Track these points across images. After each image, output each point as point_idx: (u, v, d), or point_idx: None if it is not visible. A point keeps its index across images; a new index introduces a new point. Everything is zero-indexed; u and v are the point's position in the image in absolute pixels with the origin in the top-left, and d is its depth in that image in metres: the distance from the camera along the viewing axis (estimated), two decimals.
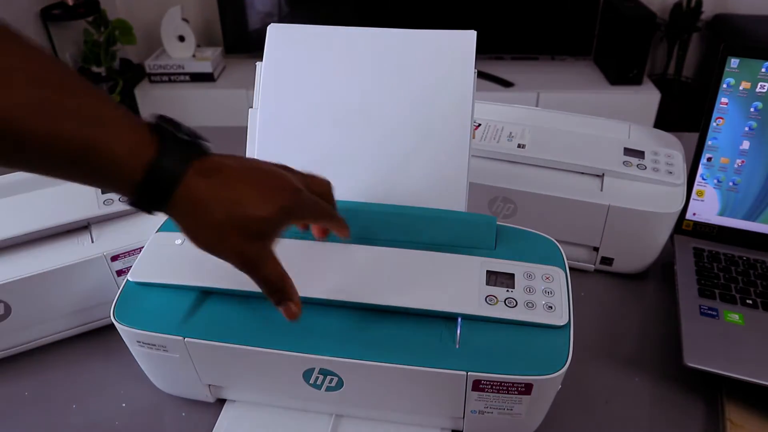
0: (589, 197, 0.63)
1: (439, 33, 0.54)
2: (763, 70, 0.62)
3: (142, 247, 0.52)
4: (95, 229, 0.59)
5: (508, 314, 0.45)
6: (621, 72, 2.01)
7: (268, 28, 0.56)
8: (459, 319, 0.45)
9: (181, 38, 2.09)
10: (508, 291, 0.46)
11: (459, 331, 0.44)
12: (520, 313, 0.45)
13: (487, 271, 0.48)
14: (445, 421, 0.49)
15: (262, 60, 0.56)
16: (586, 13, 2.09)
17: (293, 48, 0.55)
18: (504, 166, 0.68)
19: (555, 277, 0.48)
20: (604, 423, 0.53)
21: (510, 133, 0.69)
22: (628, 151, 0.67)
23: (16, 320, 0.55)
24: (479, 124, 0.71)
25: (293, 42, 0.55)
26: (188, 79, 2.11)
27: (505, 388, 0.43)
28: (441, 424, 0.50)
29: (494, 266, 0.48)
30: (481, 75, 1.98)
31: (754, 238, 0.66)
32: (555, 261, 0.50)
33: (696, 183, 0.67)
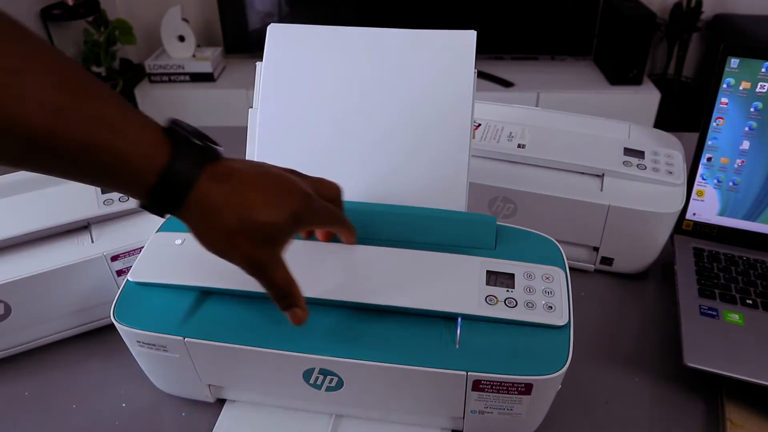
0: (589, 197, 0.63)
1: (439, 33, 0.54)
2: (763, 70, 0.62)
3: (142, 247, 0.52)
4: (95, 229, 0.59)
5: (508, 314, 0.45)
6: (621, 72, 2.01)
7: (268, 28, 0.56)
8: (459, 319, 0.45)
9: (181, 38, 2.09)
10: (508, 291, 0.46)
11: (459, 331, 0.44)
12: (520, 313, 0.45)
13: (487, 271, 0.48)
14: (445, 421, 0.49)
15: (262, 60, 0.56)
16: (586, 13, 2.09)
17: (293, 48, 0.55)
18: (504, 166, 0.68)
19: (555, 277, 0.48)
20: (604, 423, 0.53)
21: (510, 133, 0.69)
22: (628, 151, 0.67)
23: (16, 320, 0.55)
24: (479, 124, 0.71)
25: (293, 42, 0.55)
26: (188, 79, 2.11)
27: (505, 388, 0.43)
28: (441, 424, 0.50)
29: (494, 266, 0.48)
30: (481, 75, 1.98)
31: (754, 238, 0.66)
32: (555, 261, 0.50)
33: (696, 183, 0.67)
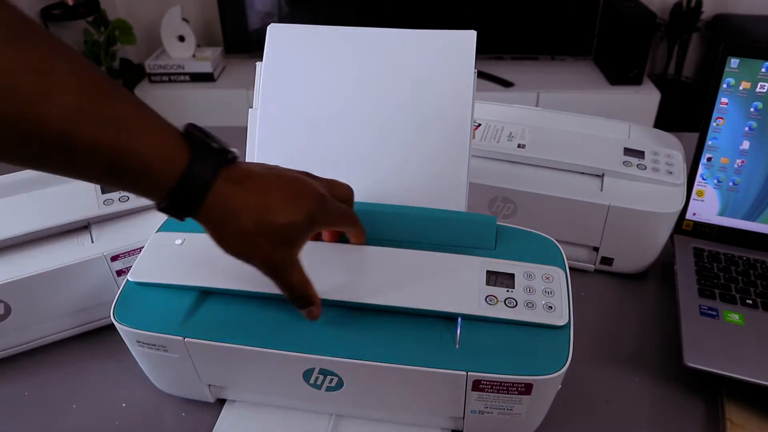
0: (589, 197, 0.63)
1: (439, 33, 0.54)
2: (763, 70, 0.62)
3: (142, 247, 0.52)
4: (95, 229, 0.59)
5: (508, 314, 0.45)
6: (621, 72, 2.01)
7: (268, 28, 0.56)
8: (459, 319, 0.45)
9: (181, 38, 2.09)
10: (508, 291, 0.46)
11: (459, 331, 0.44)
12: (520, 313, 0.45)
13: (487, 271, 0.48)
14: (445, 421, 0.49)
15: (262, 60, 0.56)
16: (586, 13, 2.09)
17: (293, 48, 0.55)
18: (504, 166, 0.68)
19: (555, 277, 0.48)
20: (604, 423, 0.53)
21: (510, 133, 0.69)
22: (628, 151, 0.67)
23: (16, 320, 0.55)
24: (479, 124, 0.71)
25: (293, 42, 0.55)
26: (188, 79, 2.11)
27: (505, 388, 0.43)
28: (441, 424, 0.50)
29: (494, 266, 0.48)
30: (481, 75, 1.98)
31: (754, 238, 0.66)
32: (555, 261, 0.50)
33: (696, 183, 0.67)
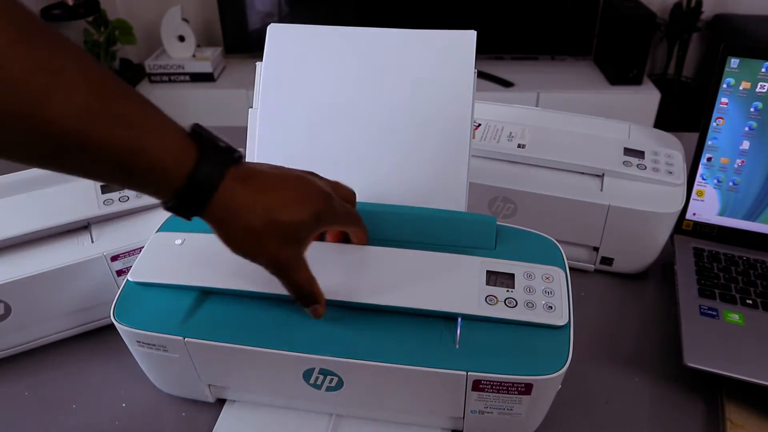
0: (589, 197, 0.63)
1: (439, 33, 0.54)
2: (763, 70, 0.62)
3: (142, 247, 0.52)
4: (95, 229, 0.59)
5: (508, 314, 0.45)
6: (621, 72, 2.01)
7: (268, 28, 0.56)
8: (459, 319, 0.45)
9: (181, 38, 2.09)
10: (508, 291, 0.46)
11: (459, 331, 0.44)
12: (520, 313, 0.45)
13: (487, 271, 0.48)
14: (445, 421, 0.49)
15: (262, 60, 0.56)
16: (586, 13, 2.09)
17: (293, 48, 0.55)
18: (504, 166, 0.68)
19: (555, 277, 0.48)
20: (604, 423, 0.53)
21: (510, 133, 0.69)
22: (628, 151, 0.67)
23: (16, 320, 0.55)
24: (479, 124, 0.71)
25: (293, 42, 0.55)
26: (188, 79, 2.11)
27: (505, 388, 0.43)
28: (441, 424, 0.50)
29: (494, 266, 0.48)
30: (481, 75, 1.98)
31: (754, 238, 0.66)
32: (555, 261, 0.50)
33: (696, 183, 0.67)
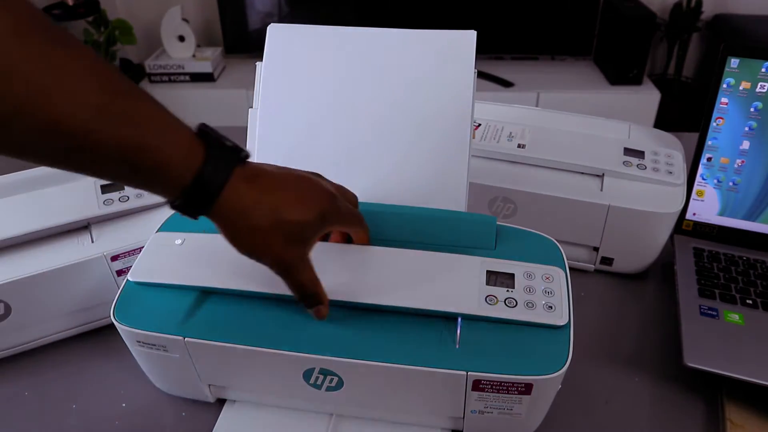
0: (589, 197, 0.63)
1: (439, 33, 0.54)
2: (763, 70, 0.62)
3: (142, 247, 0.52)
4: (95, 229, 0.59)
5: (508, 314, 0.45)
6: (621, 72, 2.01)
7: (268, 28, 0.56)
8: (459, 319, 0.45)
9: (181, 38, 2.09)
10: (508, 291, 0.46)
11: (459, 331, 0.44)
12: (520, 313, 0.45)
13: (487, 271, 0.48)
14: (445, 421, 0.49)
15: (262, 60, 0.56)
16: (586, 13, 2.09)
17: (293, 48, 0.55)
18: (504, 166, 0.68)
19: (555, 277, 0.48)
20: (604, 423, 0.53)
21: (510, 133, 0.69)
22: (628, 151, 0.67)
23: (16, 320, 0.55)
24: (479, 124, 0.71)
25: (293, 42, 0.55)
26: (188, 79, 2.11)
27: (505, 388, 0.43)
28: (441, 424, 0.50)
29: (494, 266, 0.48)
30: (481, 75, 1.98)
31: (754, 238, 0.66)
32: (555, 261, 0.50)
33: (696, 183, 0.67)
